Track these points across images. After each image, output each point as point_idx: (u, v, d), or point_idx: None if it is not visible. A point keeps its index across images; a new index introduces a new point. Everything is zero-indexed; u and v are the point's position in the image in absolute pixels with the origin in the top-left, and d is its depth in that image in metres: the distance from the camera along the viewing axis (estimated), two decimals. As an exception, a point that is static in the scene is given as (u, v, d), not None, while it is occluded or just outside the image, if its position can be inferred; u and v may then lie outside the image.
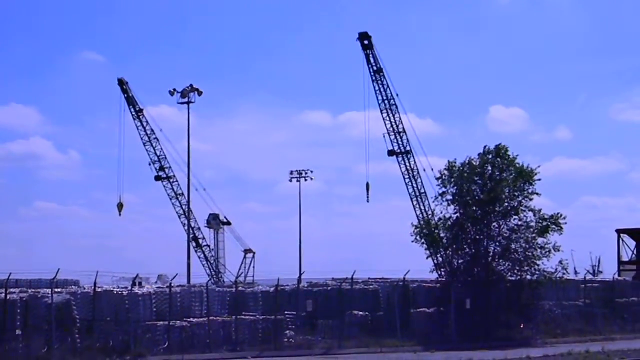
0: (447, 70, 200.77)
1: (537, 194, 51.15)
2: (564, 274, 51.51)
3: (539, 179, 51.04)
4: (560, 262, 50.73)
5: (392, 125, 73.27)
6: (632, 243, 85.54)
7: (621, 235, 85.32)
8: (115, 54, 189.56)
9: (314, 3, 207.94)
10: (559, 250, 50.38)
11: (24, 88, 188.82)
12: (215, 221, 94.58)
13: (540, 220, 50.67)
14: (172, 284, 43.71)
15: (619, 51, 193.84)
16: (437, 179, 52.59)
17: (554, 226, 50.39)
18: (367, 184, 76.37)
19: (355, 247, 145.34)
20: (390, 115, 72.86)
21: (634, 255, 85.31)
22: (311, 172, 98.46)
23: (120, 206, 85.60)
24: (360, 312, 47.41)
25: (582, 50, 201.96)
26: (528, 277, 51.02)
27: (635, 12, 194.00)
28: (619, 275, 75.49)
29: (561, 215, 50.66)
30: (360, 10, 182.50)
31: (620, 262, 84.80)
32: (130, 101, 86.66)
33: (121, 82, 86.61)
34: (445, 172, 52.00)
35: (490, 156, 51.48)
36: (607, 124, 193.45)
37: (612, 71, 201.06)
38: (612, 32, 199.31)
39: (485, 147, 51.71)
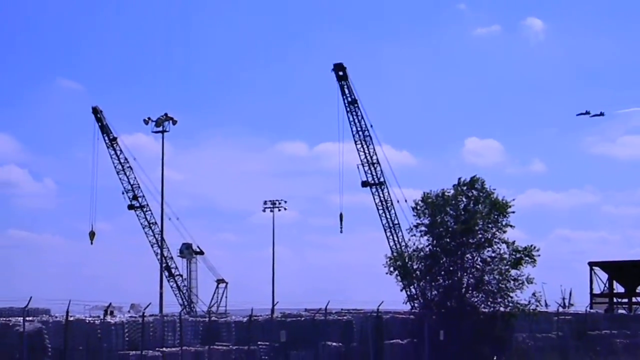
0: (423, 102, 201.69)
1: (511, 226, 51.26)
2: (537, 306, 51.58)
3: (513, 212, 51.27)
4: (534, 294, 50.79)
5: (366, 157, 73.53)
6: (604, 276, 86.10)
7: (593, 268, 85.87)
8: (92, 82, 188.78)
9: (290, 34, 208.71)
10: (532, 283, 50.46)
11: (0, 115, 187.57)
12: (188, 251, 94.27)
13: (513, 253, 50.69)
14: (145, 314, 43.36)
15: (591, 84, 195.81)
16: (413, 209, 52.62)
17: (527, 258, 50.41)
18: (341, 215, 76.55)
19: (328, 278, 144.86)
20: (365, 146, 73.14)
21: (605, 288, 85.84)
22: (285, 202, 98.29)
23: (92, 235, 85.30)
24: (334, 344, 47.26)
25: (556, 82, 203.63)
26: (501, 309, 51.02)
27: (608, 45, 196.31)
28: (590, 308, 75.89)
29: (534, 248, 50.79)
30: (337, 41, 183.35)
31: (592, 295, 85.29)
32: (105, 130, 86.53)
33: (95, 111, 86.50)
34: (421, 203, 52.10)
35: (464, 188, 51.67)
36: (581, 157, 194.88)
37: (585, 104, 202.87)
38: (585, 65, 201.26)
39: (460, 179, 51.97)
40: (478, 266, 51.37)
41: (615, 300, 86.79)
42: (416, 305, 54.07)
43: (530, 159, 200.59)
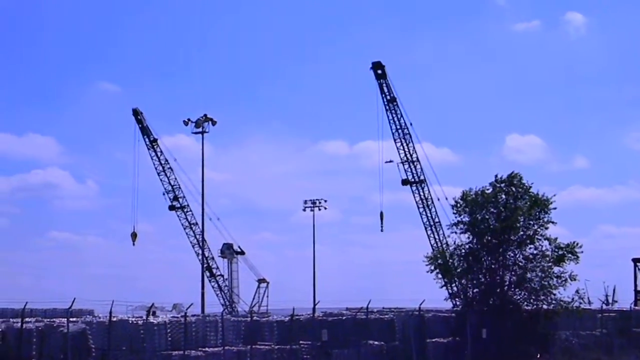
0: (463, 99, 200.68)
1: (552, 222, 50.79)
2: (580, 303, 51.06)
3: (554, 208, 50.81)
4: (577, 291, 50.29)
5: (405, 155, 73.34)
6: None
7: (637, 264, 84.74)
8: (130, 83, 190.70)
9: (328, 32, 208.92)
10: (575, 280, 49.92)
11: (41, 118, 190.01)
12: (229, 251, 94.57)
13: (556, 249, 50.21)
14: (187, 314, 43.61)
15: (633, 79, 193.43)
16: (453, 207, 52.30)
17: (570, 255, 49.92)
18: (381, 214, 76.38)
19: (369, 277, 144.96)
20: (404, 144, 72.93)
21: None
22: (325, 201, 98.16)
23: (134, 236, 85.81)
24: (376, 342, 47.19)
25: (597, 77, 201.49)
26: (544, 306, 50.59)
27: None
28: (635, 304, 74.96)
29: (577, 244, 50.22)
30: (374, 39, 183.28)
31: (636, 292, 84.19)
32: (145, 131, 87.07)
33: (136, 113, 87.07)
34: (460, 201, 51.80)
35: (503, 185, 51.26)
36: (624, 153, 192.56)
37: (627, 99, 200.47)
38: (628, 59, 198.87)
39: (496, 175, 51.57)
40: (520, 263, 50.94)
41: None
42: (457, 303, 53.80)
43: (572, 155, 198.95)
